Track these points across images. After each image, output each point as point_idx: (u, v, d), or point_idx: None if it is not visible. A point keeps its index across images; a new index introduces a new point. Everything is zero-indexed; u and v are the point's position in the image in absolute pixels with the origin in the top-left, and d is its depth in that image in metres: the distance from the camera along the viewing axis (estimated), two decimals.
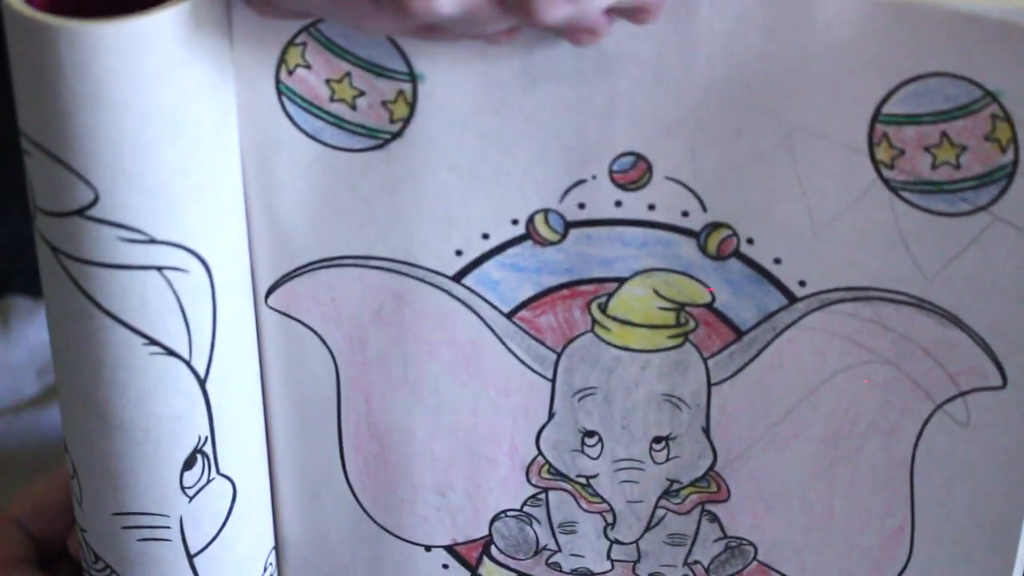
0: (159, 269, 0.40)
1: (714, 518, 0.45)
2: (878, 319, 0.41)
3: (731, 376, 0.43)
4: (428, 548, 0.47)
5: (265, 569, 0.48)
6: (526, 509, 0.46)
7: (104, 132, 0.38)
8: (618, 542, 0.46)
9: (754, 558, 0.45)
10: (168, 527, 0.45)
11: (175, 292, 0.41)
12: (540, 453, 0.45)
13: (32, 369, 0.84)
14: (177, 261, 0.40)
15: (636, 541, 0.46)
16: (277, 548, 0.49)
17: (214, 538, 0.46)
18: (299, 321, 0.44)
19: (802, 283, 0.41)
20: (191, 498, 0.44)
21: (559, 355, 0.43)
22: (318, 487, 0.46)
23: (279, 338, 0.44)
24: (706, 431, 0.44)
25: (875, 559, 0.44)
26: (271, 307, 0.44)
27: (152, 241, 0.40)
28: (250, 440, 0.45)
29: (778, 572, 0.45)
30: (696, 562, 0.46)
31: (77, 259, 0.40)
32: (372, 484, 0.46)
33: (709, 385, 0.43)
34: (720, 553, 0.46)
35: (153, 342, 0.41)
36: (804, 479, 0.44)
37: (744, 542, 0.45)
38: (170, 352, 0.42)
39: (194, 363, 0.42)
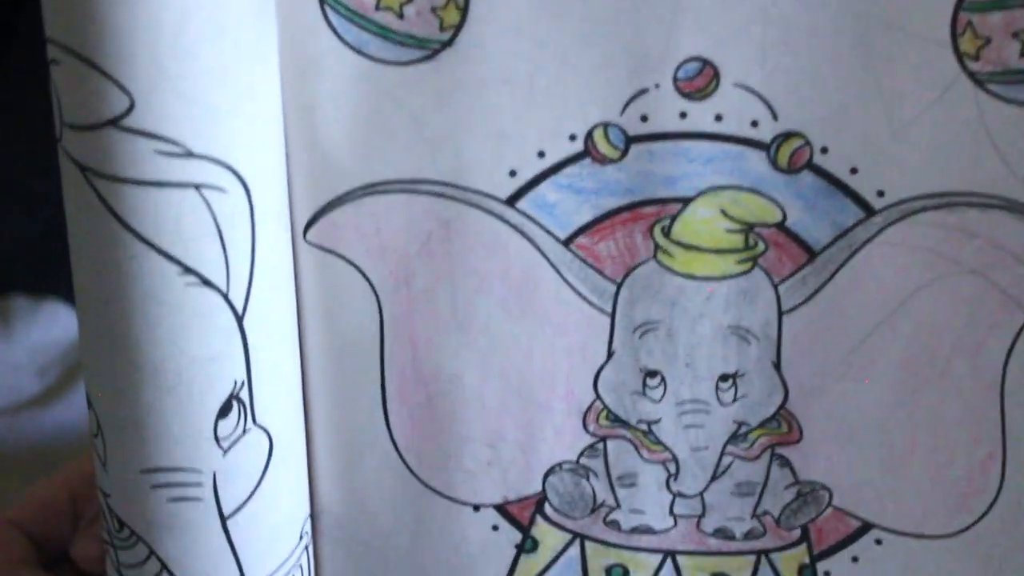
0: (196, 187, 0.37)
1: (785, 462, 0.42)
2: (964, 226, 0.38)
3: (803, 302, 0.40)
4: (477, 508, 0.44)
5: (300, 538, 0.45)
6: (582, 461, 0.43)
7: (141, 30, 0.35)
8: (681, 495, 0.43)
9: (829, 504, 0.42)
10: (200, 484, 0.41)
11: (213, 214, 0.38)
12: (598, 397, 0.42)
13: (32, 369, 0.84)
14: (215, 178, 0.38)
15: (701, 493, 0.43)
16: (313, 518, 0.45)
17: (249, 497, 0.42)
18: (340, 256, 0.41)
19: (880, 193, 0.39)
20: (226, 451, 0.41)
21: (619, 286, 0.41)
22: (358, 444, 0.43)
23: (318, 279, 0.41)
24: (776, 365, 0.41)
25: (962, 494, 0.41)
26: (310, 242, 0.41)
27: (189, 155, 0.37)
28: (287, 389, 0.42)
29: (855, 517, 0.42)
30: (766, 513, 0.43)
31: (108, 177, 0.37)
32: (417, 438, 0.43)
33: (780, 314, 0.40)
34: (792, 501, 0.43)
35: (189, 271, 0.38)
36: (883, 411, 0.41)
37: (818, 487, 0.42)
38: (206, 283, 0.39)
39: (231, 297, 0.39)
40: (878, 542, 0.42)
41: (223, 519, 0.42)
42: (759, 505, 0.43)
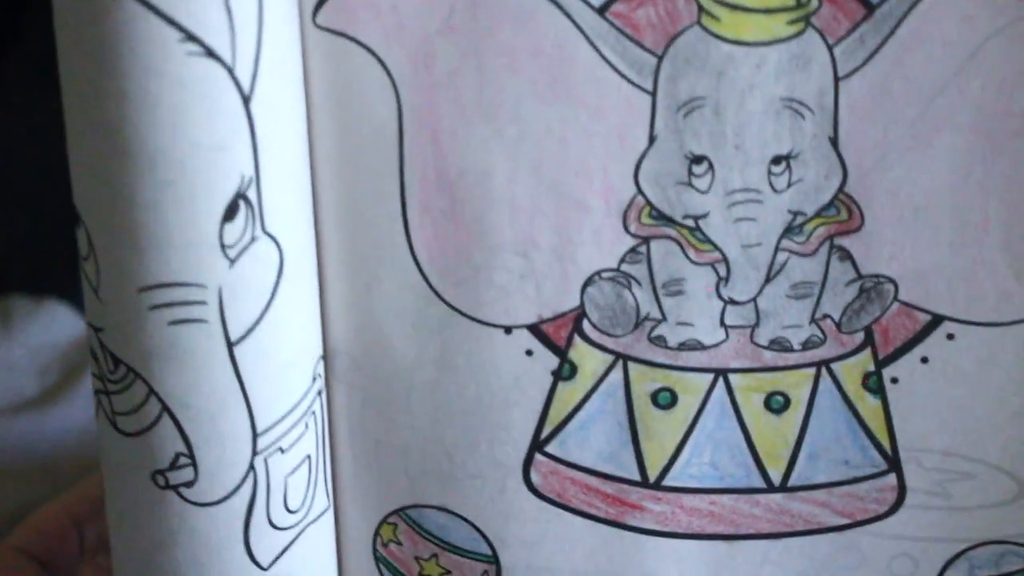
0: None
1: (846, 255, 0.39)
2: None
3: (862, 65, 0.37)
4: (508, 330, 0.40)
5: (314, 380, 0.40)
6: (623, 268, 0.39)
7: None
8: (733, 302, 0.39)
9: (894, 298, 0.39)
10: (205, 302, 0.37)
11: None
12: (639, 191, 0.38)
13: (32, 369, 0.84)
14: None
15: (754, 299, 0.39)
16: (326, 361, 0.41)
17: (258, 321, 0.38)
18: (353, 40, 0.37)
19: None
20: (233, 261, 0.37)
21: (660, 59, 0.37)
22: (375, 261, 0.39)
23: (329, 68, 0.38)
24: (834, 141, 0.38)
25: None
26: (320, 26, 0.37)
27: None
28: (298, 192, 0.38)
29: (924, 311, 0.39)
30: (825, 316, 0.39)
31: None
32: (441, 251, 0.39)
33: (836, 80, 0.37)
34: (854, 299, 0.39)
35: (190, 37, 0.34)
36: (952, 183, 0.37)
37: (882, 280, 0.39)
38: (210, 53, 0.35)
39: (238, 74, 0.35)
40: (950, 337, 0.39)
41: (230, 346, 0.38)
42: (818, 308, 0.39)
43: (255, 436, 0.39)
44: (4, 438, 0.78)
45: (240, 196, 0.36)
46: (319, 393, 0.41)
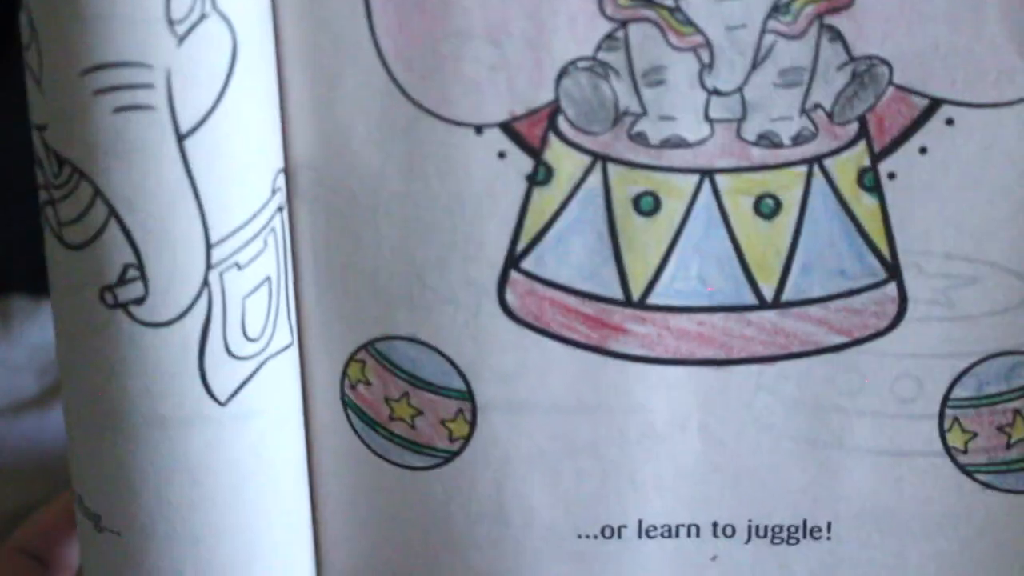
0: None
1: (836, 35, 0.36)
2: None
3: None
4: (480, 130, 0.37)
5: (273, 192, 0.38)
6: (600, 56, 0.37)
7: None
8: (717, 92, 0.37)
9: (889, 82, 0.36)
10: (151, 85, 0.35)
11: None
12: None
13: (32, 369, 0.84)
14: None
15: (740, 89, 0.37)
16: (288, 177, 0.39)
17: (210, 111, 0.36)
18: None
19: None
20: (180, 38, 0.35)
21: None
22: (337, 57, 0.37)
23: None
24: None
25: None
26: None
27: None
28: None
29: (921, 95, 0.36)
30: (816, 106, 0.37)
31: None
32: (407, 40, 0.37)
33: None
34: (847, 85, 0.37)
35: None
36: None
37: (875, 61, 0.36)
38: None
39: None
40: (949, 122, 0.37)
41: (180, 138, 0.35)
42: (808, 96, 0.37)
43: (208, 246, 0.36)
44: (4, 438, 0.78)
45: None
46: (279, 209, 0.38)
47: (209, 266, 0.37)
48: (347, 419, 0.41)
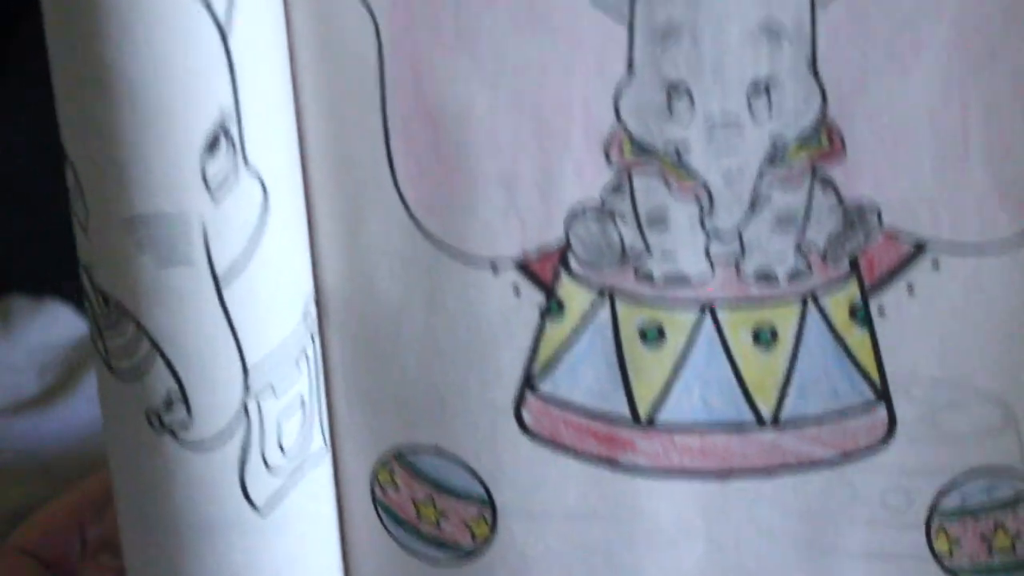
0: None
1: (828, 183, 0.39)
2: None
3: None
4: (495, 270, 0.40)
5: (305, 317, 0.41)
6: (607, 202, 0.39)
7: None
8: (717, 233, 0.39)
9: (878, 225, 0.39)
10: (190, 240, 0.38)
11: None
12: (619, 121, 0.38)
13: (32, 369, 0.84)
14: None
15: (738, 230, 0.39)
16: (317, 303, 0.42)
17: (245, 259, 0.38)
18: None
19: None
20: (215, 196, 0.37)
21: None
22: (361, 199, 0.40)
23: (307, 4, 0.38)
24: (812, 66, 0.38)
25: (1022, 191, 0.38)
26: None
27: None
28: (281, 129, 0.39)
29: (910, 235, 0.39)
30: (810, 246, 0.39)
31: None
32: (426, 185, 0.39)
33: (813, 3, 0.37)
34: (838, 228, 0.39)
35: None
36: (932, 105, 0.37)
37: (866, 206, 0.39)
38: None
39: (213, 4, 0.36)
40: (935, 264, 0.39)
41: (217, 285, 0.38)
42: (802, 238, 0.39)
43: (246, 374, 0.39)
44: (4, 438, 0.78)
45: (220, 128, 0.37)
46: (312, 337, 0.41)
47: (247, 390, 0.40)
48: (379, 519, 0.44)
